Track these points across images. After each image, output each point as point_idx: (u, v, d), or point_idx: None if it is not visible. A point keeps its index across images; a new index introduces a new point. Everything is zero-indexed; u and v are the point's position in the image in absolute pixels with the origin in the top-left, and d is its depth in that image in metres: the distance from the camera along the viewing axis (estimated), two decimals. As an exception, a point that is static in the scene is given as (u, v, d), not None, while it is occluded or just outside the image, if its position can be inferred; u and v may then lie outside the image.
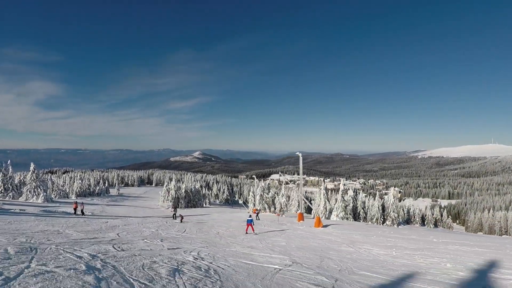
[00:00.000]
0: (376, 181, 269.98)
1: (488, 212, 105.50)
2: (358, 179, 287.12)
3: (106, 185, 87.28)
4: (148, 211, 40.61)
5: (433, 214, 69.42)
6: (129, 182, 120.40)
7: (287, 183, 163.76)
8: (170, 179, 61.42)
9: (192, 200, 62.25)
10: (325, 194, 40.05)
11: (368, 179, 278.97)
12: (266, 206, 40.19)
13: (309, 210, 72.06)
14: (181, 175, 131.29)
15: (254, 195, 47.80)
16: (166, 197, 60.96)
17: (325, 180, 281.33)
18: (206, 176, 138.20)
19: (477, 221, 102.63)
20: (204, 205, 70.06)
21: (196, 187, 64.49)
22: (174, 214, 27.88)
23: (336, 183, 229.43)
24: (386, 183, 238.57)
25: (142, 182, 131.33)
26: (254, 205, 46.68)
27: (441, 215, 73.23)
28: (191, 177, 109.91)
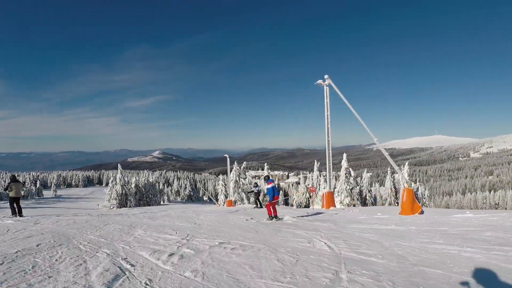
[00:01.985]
0: (338, 172, 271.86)
1: (450, 196, 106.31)
2: (321, 171, 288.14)
3: (38, 186, 69.87)
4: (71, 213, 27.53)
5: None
6: (73, 183, 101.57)
7: (254, 177, 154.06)
8: (117, 174, 47.67)
9: (145, 196, 49.16)
10: (319, 177, 30.44)
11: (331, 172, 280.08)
12: (244, 196, 29.32)
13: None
14: (137, 174, 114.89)
15: (225, 183, 36.84)
16: (111, 195, 47.35)
17: (289, 175, 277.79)
18: (165, 173, 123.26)
19: (444, 204, 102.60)
20: (162, 202, 57.13)
21: (150, 180, 51.42)
22: (15, 208, 11.91)
23: (300, 176, 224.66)
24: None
25: (90, 183, 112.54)
26: (226, 196, 35.82)
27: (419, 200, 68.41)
28: (148, 174, 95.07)
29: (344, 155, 31.03)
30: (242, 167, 29.85)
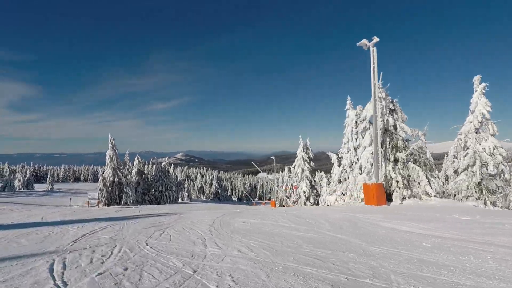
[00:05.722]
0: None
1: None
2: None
3: (27, 177, 53.27)
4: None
5: None
6: (82, 177, 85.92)
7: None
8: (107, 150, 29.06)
9: (154, 189, 30.32)
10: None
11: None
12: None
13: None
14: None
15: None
16: (100, 187, 28.94)
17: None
18: (187, 169, 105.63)
19: None
20: (180, 199, 38.22)
21: (163, 164, 32.62)
22: None
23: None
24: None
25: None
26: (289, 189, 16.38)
27: None
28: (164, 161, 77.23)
29: None
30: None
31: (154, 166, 33.88)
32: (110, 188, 26.10)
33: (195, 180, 70.41)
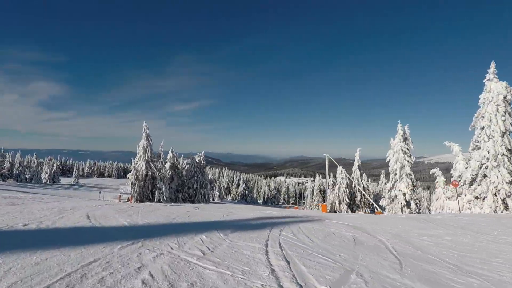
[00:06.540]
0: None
1: None
2: (371, 182, 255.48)
3: (54, 169, 52.04)
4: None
5: None
6: (106, 173, 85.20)
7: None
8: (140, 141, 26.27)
9: (187, 186, 27.23)
10: None
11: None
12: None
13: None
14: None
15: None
16: (132, 180, 26.15)
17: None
18: (209, 169, 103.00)
19: None
20: (212, 199, 35.09)
21: (197, 159, 29.46)
22: None
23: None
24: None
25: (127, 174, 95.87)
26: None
27: None
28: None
29: None
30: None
31: (185, 161, 30.94)
32: (142, 183, 23.21)
33: (218, 180, 67.57)
